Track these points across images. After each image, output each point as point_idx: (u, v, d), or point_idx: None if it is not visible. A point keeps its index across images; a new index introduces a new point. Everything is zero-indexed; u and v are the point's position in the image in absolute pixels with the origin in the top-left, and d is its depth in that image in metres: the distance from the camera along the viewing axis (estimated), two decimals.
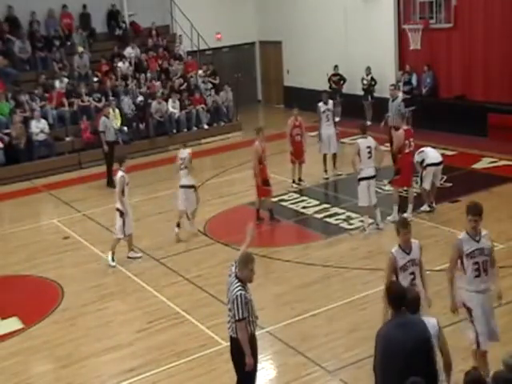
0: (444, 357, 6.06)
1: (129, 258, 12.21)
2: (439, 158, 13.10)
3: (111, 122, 17.36)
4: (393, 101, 16.25)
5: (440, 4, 19.61)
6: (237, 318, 6.75)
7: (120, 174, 11.87)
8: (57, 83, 20.38)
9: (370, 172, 12.46)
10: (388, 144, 16.00)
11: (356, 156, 12.45)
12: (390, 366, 5.53)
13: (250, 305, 6.85)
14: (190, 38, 24.15)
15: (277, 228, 13.53)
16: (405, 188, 13.52)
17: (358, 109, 21.14)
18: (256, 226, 13.48)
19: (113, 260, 11.97)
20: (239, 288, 6.77)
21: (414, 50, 20.27)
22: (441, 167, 13.11)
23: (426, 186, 13.00)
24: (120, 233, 11.98)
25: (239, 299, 6.70)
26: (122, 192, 11.83)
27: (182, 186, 12.93)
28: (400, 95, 16.60)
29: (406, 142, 12.71)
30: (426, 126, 17.97)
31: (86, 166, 19.06)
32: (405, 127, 12.96)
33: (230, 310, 6.89)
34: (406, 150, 12.73)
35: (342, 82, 22.17)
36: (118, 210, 11.93)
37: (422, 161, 12.94)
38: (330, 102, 16.29)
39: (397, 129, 13.47)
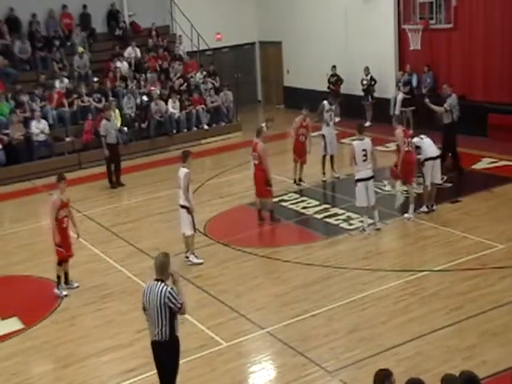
0: None
1: (186, 258, 11.89)
2: (436, 152, 13.16)
3: (112, 124, 17.29)
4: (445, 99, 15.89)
5: (440, 4, 19.59)
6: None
7: (185, 170, 11.56)
8: (57, 83, 20.36)
9: (367, 173, 12.47)
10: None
11: (351, 158, 12.49)
12: None
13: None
14: (190, 39, 24.12)
15: (277, 228, 13.51)
16: (405, 188, 13.63)
17: (358, 109, 21.12)
18: (258, 226, 13.60)
19: (197, 257, 11.78)
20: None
21: (414, 51, 20.26)
22: (438, 161, 13.13)
23: (427, 181, 13.05)
24: (190, 229, 11.72)
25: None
26: (187, 189, 11.74)
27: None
28: (453, 94, 16.14)
29: (405, 140, 12.87)
30: (426, 126, 17.91)
31: (85, 166, 19.03)
32: (402, 128, 13.07)
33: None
34: (406, 148, 12.80)
35: (339, 82, 22.13)
36: (184, 207, 11.63)
37: (418, 147, 12.96)
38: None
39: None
